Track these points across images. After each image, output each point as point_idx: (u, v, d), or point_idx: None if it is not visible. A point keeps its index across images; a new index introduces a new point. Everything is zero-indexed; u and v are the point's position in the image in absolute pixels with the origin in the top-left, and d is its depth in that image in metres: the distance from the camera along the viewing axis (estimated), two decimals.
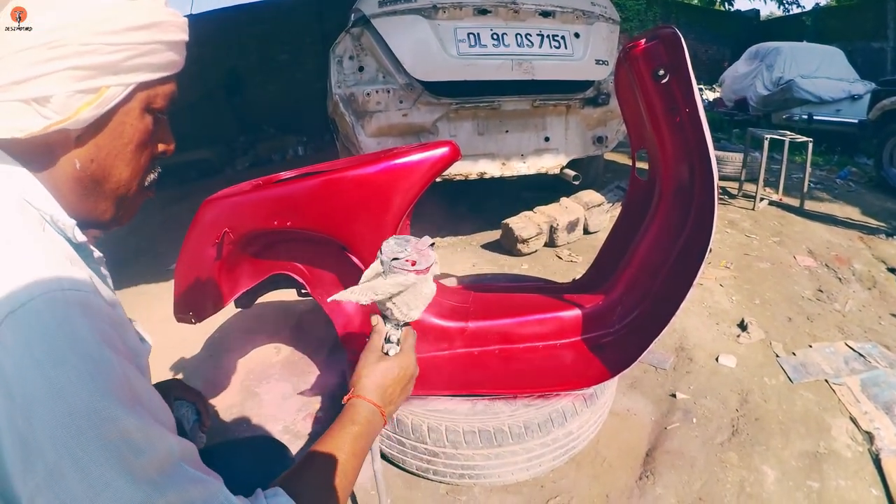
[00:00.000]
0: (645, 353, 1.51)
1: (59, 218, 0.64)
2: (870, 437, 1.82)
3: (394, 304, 0.92)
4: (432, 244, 0.96)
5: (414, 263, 0.90)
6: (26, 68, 0.59)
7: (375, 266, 0.94)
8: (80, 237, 0.67)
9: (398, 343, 0.94)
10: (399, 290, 0.90)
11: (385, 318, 0.95)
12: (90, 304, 0.58)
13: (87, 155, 0.67)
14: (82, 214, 0.69)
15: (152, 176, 0.77)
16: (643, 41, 1.57)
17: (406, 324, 0.96)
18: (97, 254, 0.71)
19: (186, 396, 1.11)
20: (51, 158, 0.65)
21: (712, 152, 1.42)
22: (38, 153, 0.64)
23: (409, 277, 0.90)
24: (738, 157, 5.18)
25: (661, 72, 1.54)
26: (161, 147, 0.77)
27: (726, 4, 17.05)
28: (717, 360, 2.26)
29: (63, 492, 0.49)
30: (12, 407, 0.50)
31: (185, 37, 0.73)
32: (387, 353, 0.92)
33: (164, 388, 1.08)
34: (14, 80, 0.59)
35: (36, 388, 0.50)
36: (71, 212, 0.67)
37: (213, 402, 2.10)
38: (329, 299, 0.98)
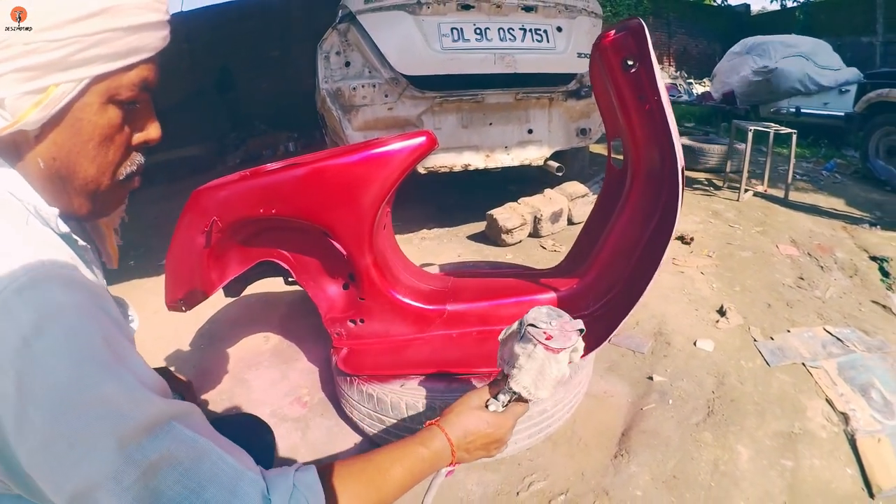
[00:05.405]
0: (614, 333, 1.55)
1: (41, 208, 0.65)
2: (845, 418, 1.83)
3: (518, 370, 0.90)
4: (581, 330, 0.92)
5: (550, 338, 0.88)
6: None
7: (514, 325, 0.93)
8: (63, 227, 0.67)
9: (504, 406, 0.92)
10: (524, 357, 0.88)
11: (507, 377, 0.93)
12: (72, 278, 0.60)
13: (49, 153, 0.65)
14: (60, 208, 0.69)
15: (130, 168, 0.74)
16: (612, 32, 1.62)
17: (522, 398, 0.93)
18: (81, 242, 0.72)
19: (174, 387, 1.12)
20: (18, 156, 0.65)
21: (676, 136, 1.45)
22: (7, 151, 0.65)
23: (536, 350, 0.88)
24: (724, 149, 5.22)
25: (630, 61, 1.59)
26: (139, 137, 0.74)
27: None
28: (694, 344, 2.29)
29: (52, 459, 0.52)
30: (5, 380, 0.52)
31: (155, 17, 0.69)
32: (486, 406, 0.92)
33: None
34: None
35: (22, 361, 0.52)
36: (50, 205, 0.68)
37: (204, 389, 2.14)
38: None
